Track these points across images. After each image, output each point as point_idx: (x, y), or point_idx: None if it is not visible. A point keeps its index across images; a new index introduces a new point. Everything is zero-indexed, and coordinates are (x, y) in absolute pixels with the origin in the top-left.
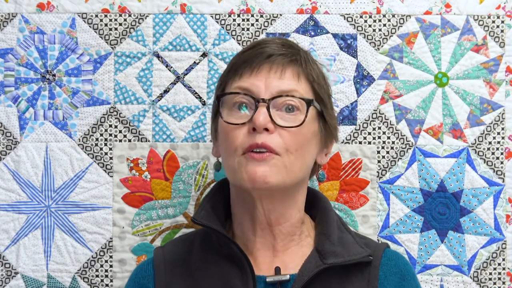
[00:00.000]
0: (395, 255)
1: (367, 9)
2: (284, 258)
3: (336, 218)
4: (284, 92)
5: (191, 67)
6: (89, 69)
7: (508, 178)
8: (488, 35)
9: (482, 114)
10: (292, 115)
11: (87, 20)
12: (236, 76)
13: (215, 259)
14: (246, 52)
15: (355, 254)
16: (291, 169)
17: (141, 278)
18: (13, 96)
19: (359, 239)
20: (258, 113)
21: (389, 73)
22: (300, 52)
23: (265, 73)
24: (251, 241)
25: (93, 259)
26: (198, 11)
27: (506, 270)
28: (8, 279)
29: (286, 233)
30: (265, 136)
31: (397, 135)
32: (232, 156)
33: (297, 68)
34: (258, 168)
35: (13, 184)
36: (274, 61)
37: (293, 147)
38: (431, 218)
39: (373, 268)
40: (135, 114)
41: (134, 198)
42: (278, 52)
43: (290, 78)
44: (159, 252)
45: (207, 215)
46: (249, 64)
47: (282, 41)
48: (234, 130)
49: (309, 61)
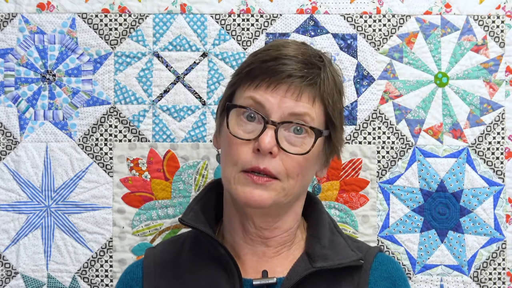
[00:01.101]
0: (386, 260)
1: (367, 9)
2: (273, 262)
3: (329, 220)
4: (296, 115)
5: (191, 67)
6: (89, 69)
7: (508, 178)
8: (488, 35)
9: (482, 114)
10: (300, 138)
11: (87, 20)
12: (252, 84)
13: (203, 261)
14: (267, 62)
15: (345, 258)
16: (289, 191)
17: (130, 280)
18: (13, 96)
19: (351, 242)
20: (265, 135)
21: (389, 73)
22: (320, 73)
23: (281, 92)
24: (240, 245)
25: (93, 259)
26: (198, 11)
27: (506, 270)
28: (8, 279)
29: (280, 242)
30: (268, 160)
31: (397, 135)
32: (230, 168)
33: (314, 91)
34: (255, 190)
35: (13, 184)
36: (293, 83)
37: (294, 173)
38: (431, 218)
39: (364, 273)
40: (135, 114)
41: (134, 198)
42: (299, 73)
43: (305, 101)
44: (150, 254)
45: (195, 216)
46: (267, 78)
47: (304, 58)
48: (238, 144)
49: (328, 80)
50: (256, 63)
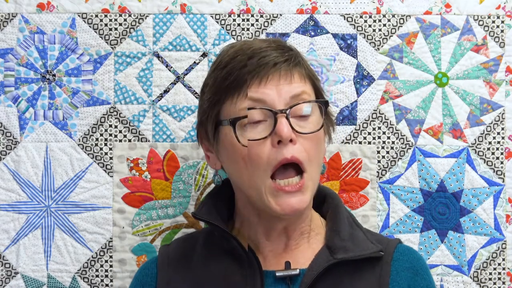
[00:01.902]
0: (407, 250)
1: (367, 9)
2: (295, 254)
3: (347, 214)
4: (296, 96)
5: (191, 67)
6: (89, 69)
7: (508, 178)
8: (488, 35)
9: (482, 114)
10: (306, 120)
11: (87, 20)
12: (242, 91)
13: (216, 255)
14: (247, 62)
15: (366, 250)
16: (315, 180)
17: (144, 277)
18: (13, 96)
19: (370, 235)
20: (281, 124)
21: (389, 73)
22: (299, 53)
23: (275, 82)
24: (261, 240)
25: (93, 259)
26: (198, 11)
27: (506, 270)
28: (8, 279)
29: (300, 233)
30: (291, 148)
31: (397, 135)
32: (256, 174)
33: (300, 69)
34: (293, 199)
35: (13, 184)
36: (281, 68)
37: (313, 154)
38: (431, 218)
39: (385, 264)
40: (135, 114)
41: (134, 198)
42: (282, 58)
43: (298, 81)
44: (164, 250)
45: (208, 211)
46: (257, 74)
47: (277, 45)
48: (256, 146)
49: (305, 60)
50: (234, 71)
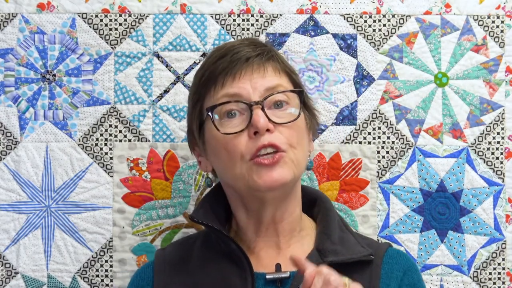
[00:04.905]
0: (397, 254)
1: (367, 9)
2: (286, 256)
3: (338, 218)
4: (271, 89)
5: (191, 67)
6: (89, 69)
7: (508, 178)
8: (488, 35)
9: (482, 114)
10: (283, 111)
11: (87, 20)
12: (218, 85)
13: (214, 258)
14: (220, 60)
15: (356, 253)
16: (298, 162)
17: (140, 281)
18: (13, 96)
19: (361, 239)
20: (257, 115)
21: (389, 73)
22: (271, 49)
23: (248, 76)
24: (253, 240)
25: (93, 259)
26: (198, 11)
27: (506, 270)
28: (8, 279)
29: (288, 229)
30: (268, 136)
31: (397, 135)
32: (238, 163)
33: (275, 64)
34: (273, 172)
35: (13, 184)
36: (254, 62)
37: (294, 142)
38: (431, 218)
39: (375, 267)
40: (135, 114)
41: (134, 198)
42: (255, 53)
43: (272, 74)
44: (160, 254)
45: (205, 214)
46: (230, 70)
47: (250, 42)
48: (233, 139)
49: (279, 56)
50: (208, 70)
